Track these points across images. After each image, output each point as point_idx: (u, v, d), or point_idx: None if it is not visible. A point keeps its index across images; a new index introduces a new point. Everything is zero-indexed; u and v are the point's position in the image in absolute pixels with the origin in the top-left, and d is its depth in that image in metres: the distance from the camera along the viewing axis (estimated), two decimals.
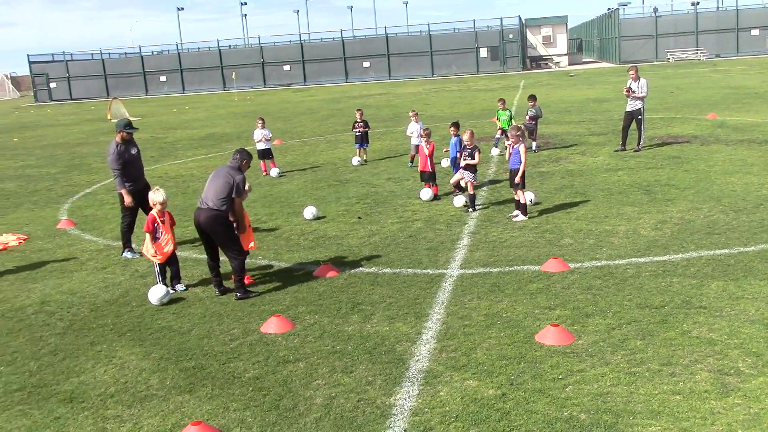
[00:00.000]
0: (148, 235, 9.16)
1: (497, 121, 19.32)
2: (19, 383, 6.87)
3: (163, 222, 9.19)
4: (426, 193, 13.78)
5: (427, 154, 13.80)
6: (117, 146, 10.70)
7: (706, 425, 5.34)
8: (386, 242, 10.93)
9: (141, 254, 10.31)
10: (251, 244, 9.40)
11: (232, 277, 8.90)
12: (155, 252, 9.15)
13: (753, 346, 6.58)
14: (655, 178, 14.22)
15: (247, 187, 9.08)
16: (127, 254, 11.11)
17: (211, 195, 8.74)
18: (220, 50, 75.57)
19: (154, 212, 9.19)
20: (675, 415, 5.49)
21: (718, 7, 70.27)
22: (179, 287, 9.31)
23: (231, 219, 8.95)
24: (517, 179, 11.58)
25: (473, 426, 5.54)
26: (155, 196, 9.18)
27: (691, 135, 19.57)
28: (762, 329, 6.91)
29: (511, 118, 19.16)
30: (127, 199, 10.78)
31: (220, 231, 8.76)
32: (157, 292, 8.83)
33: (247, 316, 8.24)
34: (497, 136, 19.15)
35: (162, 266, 9.28)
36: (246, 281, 9.02)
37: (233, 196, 8.76)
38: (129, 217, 11.03)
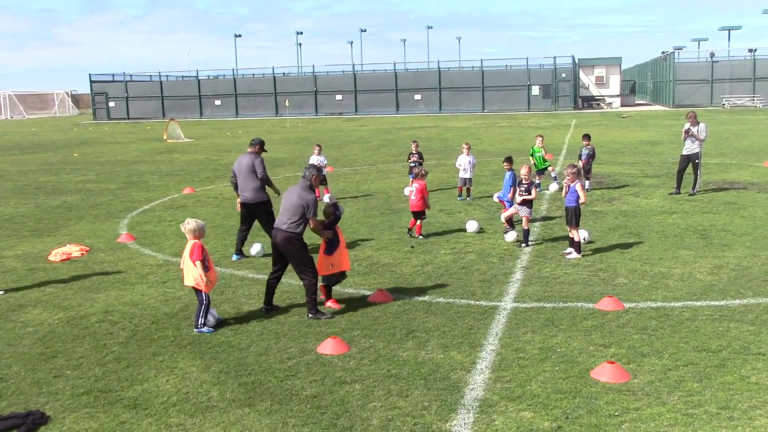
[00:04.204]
0: (199, 263, 8.53)
1: (532, 158, 18.53)
2: (86, 387, 7.13)
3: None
4: (472, 225, 13.92)
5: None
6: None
7: None
8: (439, 272, 11.04)
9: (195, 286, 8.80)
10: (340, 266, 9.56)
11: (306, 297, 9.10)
12: (208, 280, 8.63)
13: None
14: (710, 223, 14.10)
15: (338, 208, 9.57)
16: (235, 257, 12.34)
17: (285, 217, 9.01)
18: (274, 77, 77.09)
19: (200, 241, 8.69)
20: None
21: None
22: (206, 329, 8.66)
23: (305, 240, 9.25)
24: (582, 199, 11.60)
25: None
26: (189, 231, 8.68)
27: (747, 182, 19.35)
28: None
29: (543, 158, 18.73)
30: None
31: (293, 252, 9.00)
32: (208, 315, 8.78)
33: (303, 336, 8.41)
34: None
35: (208, 296, 8.71)
36: (333, 304, 9.35)
37: (307, 216, 9.01)
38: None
